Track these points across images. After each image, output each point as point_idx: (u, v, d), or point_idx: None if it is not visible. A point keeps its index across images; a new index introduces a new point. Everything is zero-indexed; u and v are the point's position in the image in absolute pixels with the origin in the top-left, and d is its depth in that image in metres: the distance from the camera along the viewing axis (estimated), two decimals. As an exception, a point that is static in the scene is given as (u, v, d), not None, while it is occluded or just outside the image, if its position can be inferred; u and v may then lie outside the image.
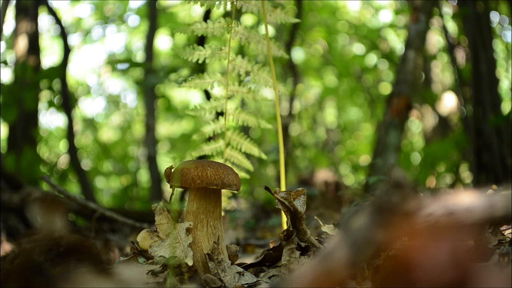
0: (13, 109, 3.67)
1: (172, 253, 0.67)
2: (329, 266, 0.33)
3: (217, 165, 0.68)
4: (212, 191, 0.69)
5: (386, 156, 2.18)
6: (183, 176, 0.67)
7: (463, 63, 2.68)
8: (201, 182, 0.66)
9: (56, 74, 3.87)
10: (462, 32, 2.75)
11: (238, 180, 0.70)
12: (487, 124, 2.13)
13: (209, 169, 0.68)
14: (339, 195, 2.53)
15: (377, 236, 0.33)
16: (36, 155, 4.04)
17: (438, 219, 0.36)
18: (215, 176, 0.68)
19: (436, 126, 4.17)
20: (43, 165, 4.48)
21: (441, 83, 4.53)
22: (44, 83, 3.97)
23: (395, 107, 2.22)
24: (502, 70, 3.03)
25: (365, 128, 7.97)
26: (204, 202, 0.72)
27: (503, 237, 0.67)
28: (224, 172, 0.69)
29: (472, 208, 0.36)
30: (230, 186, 0.68)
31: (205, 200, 0.71)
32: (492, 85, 2.20)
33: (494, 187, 0.78)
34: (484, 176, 2.18)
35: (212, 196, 0.70)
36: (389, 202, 0.33)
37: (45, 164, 4.66)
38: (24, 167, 3.64)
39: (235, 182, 0.69)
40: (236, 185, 0.70)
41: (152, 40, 5.08)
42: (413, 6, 2.39)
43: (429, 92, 3.76)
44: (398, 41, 4.99)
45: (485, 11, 2.26)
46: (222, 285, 0.82)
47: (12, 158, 3.72)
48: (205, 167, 0.68)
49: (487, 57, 2.19)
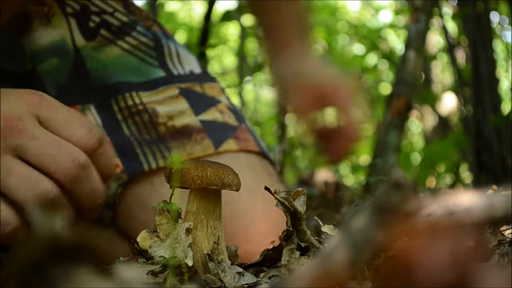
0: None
1: (172, 254, 0.68)
2: (329, 266, 0.33)
3: (217, 165, 0.68)
4: (212, 191, 0.69)
5: (386, 157, 2.18)
6: (183, 176, 0.67)
7: (463, 63, 2.68)
8: (201, 182, 0.66)
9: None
10: (462, 32, 2.75)
11: (238, 180, 0.70)
12: (487, 124, 2.13)
13: (209, 169, 0.68)
14: (339, 196, 2.53)
15: (377, 237, 0.33)
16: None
17: (438, 219, 0.36)
18: (215, 176, 0.67)
19: (436, 126, 4.17)
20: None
21: (441, 84, 4.54)
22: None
23: (395, 107, 2.22)
24: (502, 70, 3.03)
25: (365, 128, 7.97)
26: (204, 203, 0.72)
27: (503, 237, 0.67)
28: (224, 173, 0.69)
29: (472, 208, 0.36)
30: (230, 186, 0.68)
31: (205, 201, 0.71)
32: (492, 85, 2.20)
33: (494, 187, 0.78)
34: (484, 176, 2.18)
35: (212, 196, 0.70)
36: (389, 203, 0.33)
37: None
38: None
39: (235, 182, 0.69)
40: (236, 185, 0.69)
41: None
42: (413, 6, 2.39)
43: (429, 92, 3.77)
44: (398, 42, 4.99)
45: (485, 11, 2.26)
46: (222, 285, 0.82)
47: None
48: (205, 167, 0.68)
49: (487, 57, 2.19)
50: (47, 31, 1.05)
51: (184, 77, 1.12)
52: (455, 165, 2.93)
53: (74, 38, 1.07)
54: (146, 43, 1.11)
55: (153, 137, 1.06)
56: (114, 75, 1.07)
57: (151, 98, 1.08)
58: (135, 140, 1.05)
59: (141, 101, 1.07)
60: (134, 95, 1.07)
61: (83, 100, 1.05)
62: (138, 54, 1.10)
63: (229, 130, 1.10)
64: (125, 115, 1.06)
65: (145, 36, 1.11)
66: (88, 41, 1.07)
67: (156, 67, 1.10)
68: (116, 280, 0.31)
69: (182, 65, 1.13)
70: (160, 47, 1.12)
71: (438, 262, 0.29)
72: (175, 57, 1.13)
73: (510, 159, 2.11)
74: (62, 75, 1.05)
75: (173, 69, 1.12)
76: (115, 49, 1.09)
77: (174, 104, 1.09)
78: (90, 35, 1.08)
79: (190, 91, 1.12)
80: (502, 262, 0.56)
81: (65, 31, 1.06)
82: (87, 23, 1.08)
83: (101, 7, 1.10)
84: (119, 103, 1.07)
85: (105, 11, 1.10)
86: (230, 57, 4.97)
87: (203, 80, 1.15)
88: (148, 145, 1.05)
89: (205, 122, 1.09)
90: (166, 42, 1.13)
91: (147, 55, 1.10)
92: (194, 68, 1.15)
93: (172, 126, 1.07)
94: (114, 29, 1.09)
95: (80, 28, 1.07)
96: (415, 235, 0.31)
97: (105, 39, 1.09)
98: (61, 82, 1.05)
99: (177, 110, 1.08)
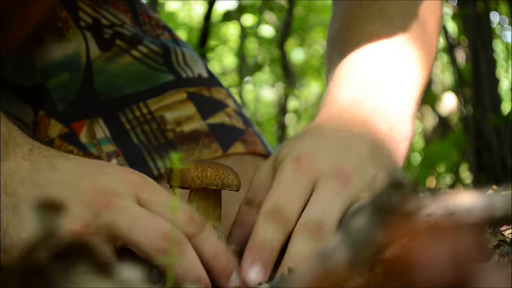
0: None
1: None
2: (329, 266, 0.33)
3: (217, 165, 0.68)
4: (212, 191, 0.70)
5: (386, 156, 2.18)
6: (182, 176, 0.67)
7: (463, 63, 2.68)
8: (201, 182, 0.66)
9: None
10: (462, 32, 2.75)
11: (238, 180, 0.70)
12: (487, 124, 2.13)
13: (209, 170, 0.68)
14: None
15: (377, 237, 0.33)
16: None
17: (438, 219, 0.36)
18: (215, 176, 0.67)
19: (436, 126, 4.17)
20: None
21: (441, 84, 4.53)
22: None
23: (395, 107, 2.22)
24: (502, 71, 3.03)
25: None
26: (204, 203, 0.73)
27: (503, 237, 0.67)
28: (224, 173, 0.68)
29: (472, 208, 0.36)
30: (230, 187, 0.68)
31: (205, 201, 0.71)
32: (492, 85, 2.20)
33: (494, 187, 0.78)
34: (484, 177, 2.18)
35: (212, 197, 0.70)
36: (389, 203, 0.33)
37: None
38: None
39: (235, 183, 0.69)
40: (236, 185, 0.69)
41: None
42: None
43: (429, 92, 3.76)
44: (398, 41, 4.98)
45: (485, 12, 2.26)
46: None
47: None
48: (205, 167, 0.68)
49: (487, 57, 2.18)
50: (61, 45, 1.06)
51: (192, 80, 1.13)
52: (455, 165, 2.93)
53: (89, 49, 1.07)
54: (156, 50, 1.11)
55: (161, 142, 1.07)
56: (120, 88, 1.08)
57: (159, 104, 1.09)
58: (144, 147, 1.06)
59: (148, 111, 1.08)
60: (142, 106, 1.08)
61: (91, 114, 1.06)
62: (147, 62, 1.11)
63: (237, 133, 1.11)
64: (133, 125, 1.07)
65: (154, 43, 1.12)
66: (103, 52, 1.08)
67: (165, 72, 1.11)
68: (116, 280, 0.31)
69: (191, 68, 1.14)
70: (168, 53, 1.12)
71: (438, 262, 0.29)
72: (182, 60, 1.14)
73: (510, 159, 2.11)
74: (72, 90, 1.06)
75: (181, 72, 1.12)
76: (127, 58, 1.10)
77: (182, 108, 1.10)
78: (106, 46, 1.08)
79: (198, 95, 1.12)
80: (502, 262, 0.56)
81: (80, 43, 1.07)
82: (102, 35, 1.08)
83: (111, 20, 1.10)
84: (126, 115, 1.07)
85: (115, 24, 1.10)
86: (230, 57, 4.96)
87: (211, 84, 1.15)
88: (157, 150, 1.06)
89: (212, 125, 1.09)
90: (173, 47, 1.14)
91: (156, 62, 1.11)
92: (202, 72, 1.16)
93: (181, 132, 1.08)
94: (128, 38, 1.10)
95: (96, 39, 1.08)
96: (415, 235, 0.31)
97: (120, 49, 1.09)
98: (70, 97, 1.05)
99: (185, 115, 1.09)
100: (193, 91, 1.12)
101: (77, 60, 1.06)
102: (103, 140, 1.05)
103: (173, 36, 1.18)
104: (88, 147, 1.04)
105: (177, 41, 1.17)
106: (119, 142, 1.05)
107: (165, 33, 1.17)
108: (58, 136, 1.03)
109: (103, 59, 1.08)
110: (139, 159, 1.05)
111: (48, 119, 1.04)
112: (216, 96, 1.14)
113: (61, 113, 1.04)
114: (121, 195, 0.63)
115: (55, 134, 1.04)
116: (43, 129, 1.04)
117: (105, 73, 1.08)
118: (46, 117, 1.04)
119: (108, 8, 1.11)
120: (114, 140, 1.05)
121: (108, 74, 1.08)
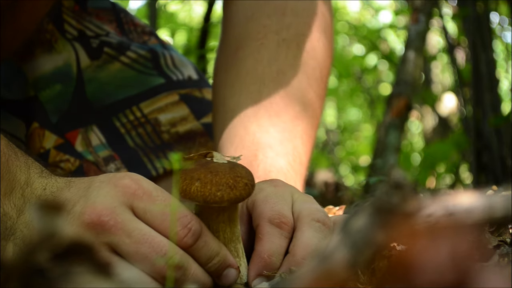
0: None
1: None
2: (329, 267, 0.33)
3: (217, 174, 0.62)
4: (221, 207, 0.67)
5: (386, 157, 2.18)
6: (175, 186, 0.63)
7: (463, 64, 2.68)
8: (184, 196, 0.63)
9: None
10: (462, 32, 2.75)
11: (235, 193, 0.64)
12: (487, 125, 2.13)
13: (196, 183, 0.63)
14: (339, 196, 2.53)
15: (377, 237, 0.33)
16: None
17: (438, 219, 0.36)
18: (197, 193, 0.63)
19: (436, 126, 4.17)
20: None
21: (441, 84, 4.54)
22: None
23: (395, 107, 2.22)
24: (502, 71, 3.03)
25: (365, 128, 7.98)
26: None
27: (503, 238, 0.67)
28: (213, 188, 0.63)
29: (472, 208, 0.36)
30: (216, 203, 0.64)
31: (216, 216, 0.69)
32: (492, 85, 2.20)
33: (494, 187, 0.78)
34: (484, 177, 2.18)
35: (226, 212, 0.69)
36: (389, 203, 0.33)
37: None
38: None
39: (226, 198, 0.63)
40: (228, 200, 0.64)
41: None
42: (413, 7, 2.39)
43: (429, 92, 3.77)
44: (398, 42, 5.00)
45: (485, 12, 2.26)
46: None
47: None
48: (194, 180, 0.63)
49: (487, 57, 2.19)
50: (51, 57, 1.07)
51: (183, 82, 1.14)
52: (455, 165, 2.93)
53: (80, 59, 1.08)
54: (144, 55, 1.13)
55: (157, 144, 1.07)
56: (112, 94, 1.09)
57: (152, 107, 1.10)
58: (140, 149, 1.07)
59: (142, 114, 1.09)
60: (135, 109, 1.09)
61: (85, 123, 1.06)
62: (136, 67, 1.12)
63: None
64: (128, 128, 1.08)
65: (142, 49, 1.13)
66: (93, 60, 1.09)
67: (155, 76, 1.12)
68: (116, 280, 0.31)
69: (180, 71, 1.15)
70: (156, 57, 1.14)
71: (438, 262, 0.29)
72: (171, 63, 1.15)
73: (510, 159, 2.11)
74: (64, 100, 1.06)
75: (172, 75, 1.14)
76: (116, 65, 1.11)
77: (175, 110, 1.11)
78: (95, 54, 1.09)
79: (190, 96, 1.13)
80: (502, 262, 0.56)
81: (70, 53, 1.08)
82: (90, 44, 1.09)
83: (95, 31, 1.12)
84: (120, 119, 1.08)
85: (100, 34, 1.12)
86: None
87: (202, 86, 1.17)
88: (154, 152, 1.07)
89: (207, 125, 1.11)
90: (162, 51, 1.15)
91: (145, 67, 1.12)
92: (192, 74, 1.17)
93: (176, 133, 1.09)
94: (115, 46, 1.11)
95: (85, 49, 1.09)
96: (415, 235, 0.31)
97: (109, 56, 1.10)
98: (63, 108, 1.06)
99: (179, 116, 1.10)
100: (184, 92, 1.13)
101: (68, 71, 1.07)
102: (99, 146, 1.06)
103: (161, 40, 1.19)
104: (84, 155, 1.05)
105: (165, 45, 1.18)
106: (115, 147, 1.06)
107: (152, 39, 1.18)
108: (53, 147, 1.05)
109: (94, 67, 1.09)
110: (137, 161, 1.06)
111: (42, 131, 1.05)
112: (208, 97, 1.15)
113: (55, 125, 1.05)
114: (115, 211, 0.61)
115: (50, 145, 1.05)
116: (38, 140, 1.05)
117: (96, 81, 1.09)
118: (40, 128, 1.05)
119: (92, 20, 1.12)
120: (110, 145, 1.06)
121: (99, 82, 1.09)
